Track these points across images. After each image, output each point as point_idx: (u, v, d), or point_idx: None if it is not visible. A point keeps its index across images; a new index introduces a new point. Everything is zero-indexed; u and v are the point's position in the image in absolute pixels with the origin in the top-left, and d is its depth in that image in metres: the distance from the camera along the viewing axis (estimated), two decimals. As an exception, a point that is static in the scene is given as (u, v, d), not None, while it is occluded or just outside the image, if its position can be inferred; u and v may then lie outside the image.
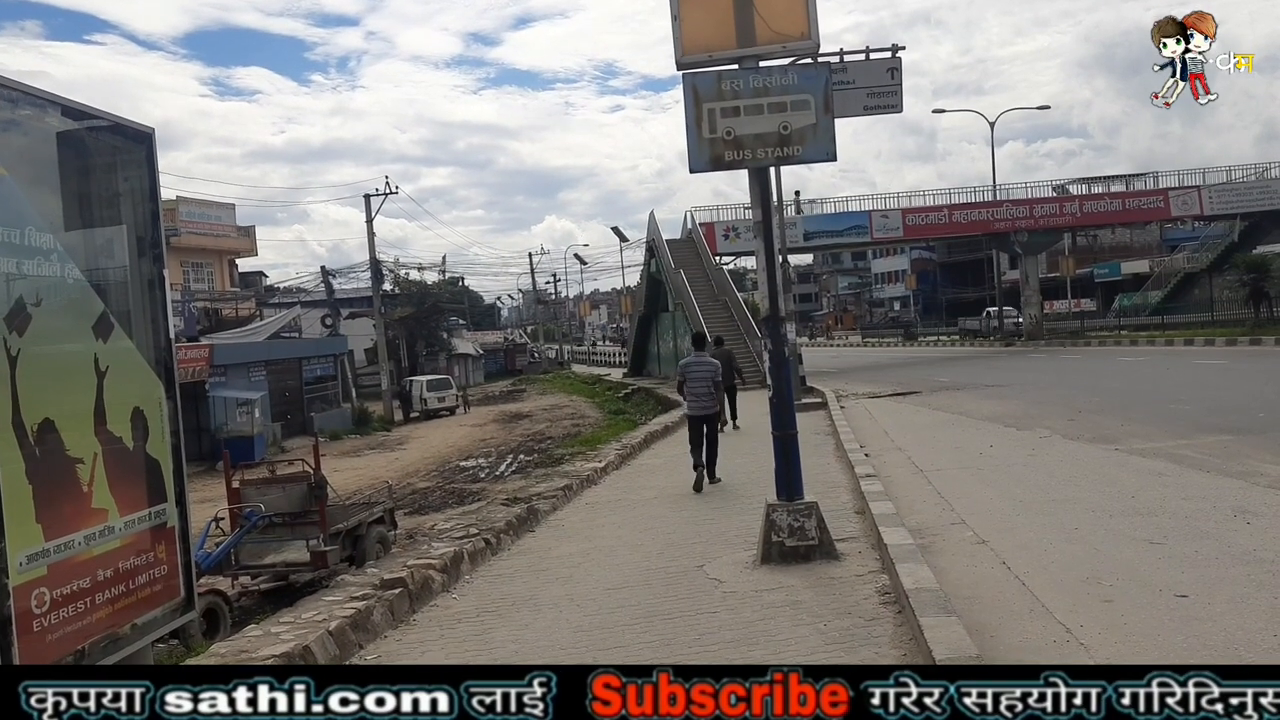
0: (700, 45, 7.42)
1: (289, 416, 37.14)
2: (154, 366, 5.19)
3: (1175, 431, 12.80)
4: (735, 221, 42.09)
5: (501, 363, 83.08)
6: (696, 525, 9.60)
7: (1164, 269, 55.44)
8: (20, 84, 4.52)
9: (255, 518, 12.19)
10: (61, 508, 4.33)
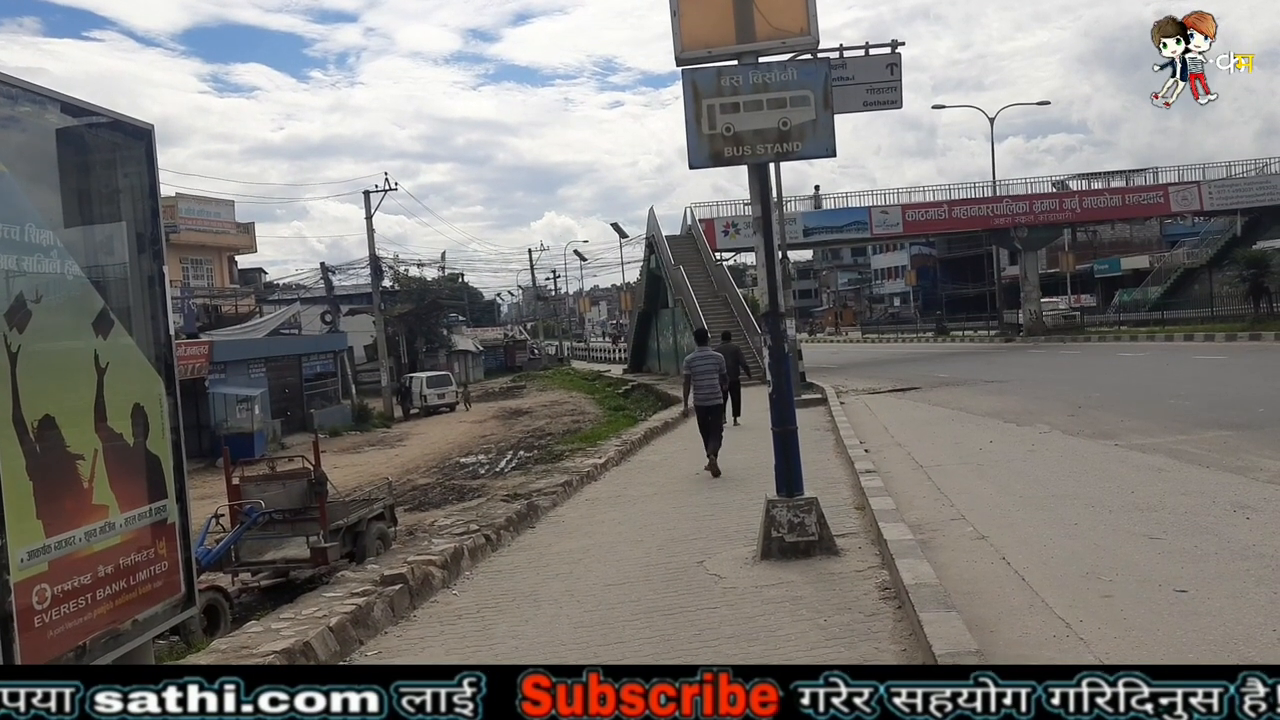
0: (700, 41, 7.41)
1: (289, 413, 37.15)
2: (154, 363, 5.19)
3: (1175, 427, 12.81)
4: (735, 217, 42.10)
5: (501, 359, 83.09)
6: (697, 521, 9.61)
7: (1164, 264, 55.46)
8: (20, 80, 4.52)
9: (255, 514, 12.21)
10: (62, 504, 4.33)
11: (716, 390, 12.66)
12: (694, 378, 12.71)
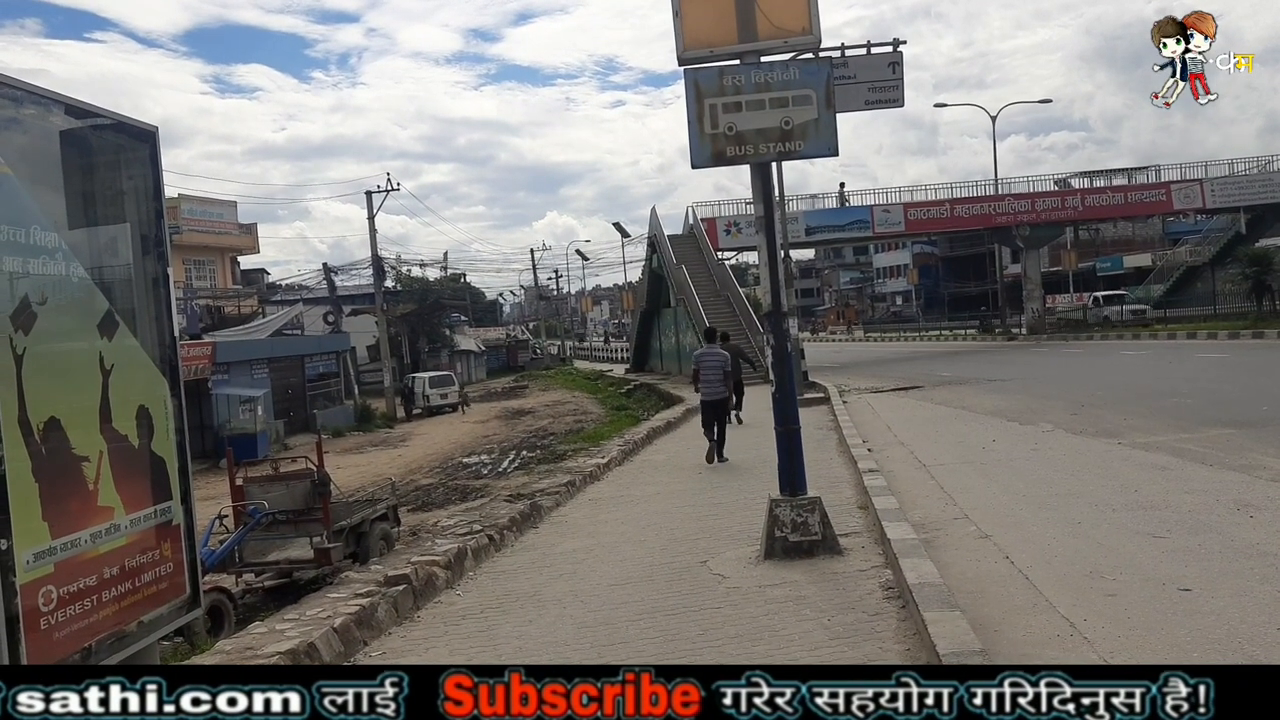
0: (702, 41, 7.41)
1: (292, 414, 37.17)
2: (159, 364, 5.20)
3: (1178, 425, 12.80)
4: (737, 216, 42.08)
5: (504, 359, 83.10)
6: (700, 521, 9.61)
7: (1166, 262, 55.40)
8: (23, 83, 4.53)
9: (259, 515, 12.20)
10: (67, 506, 4.34)
11: (720, 386, 13.83)
12: (701, 372, 13.93)
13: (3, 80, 4.35)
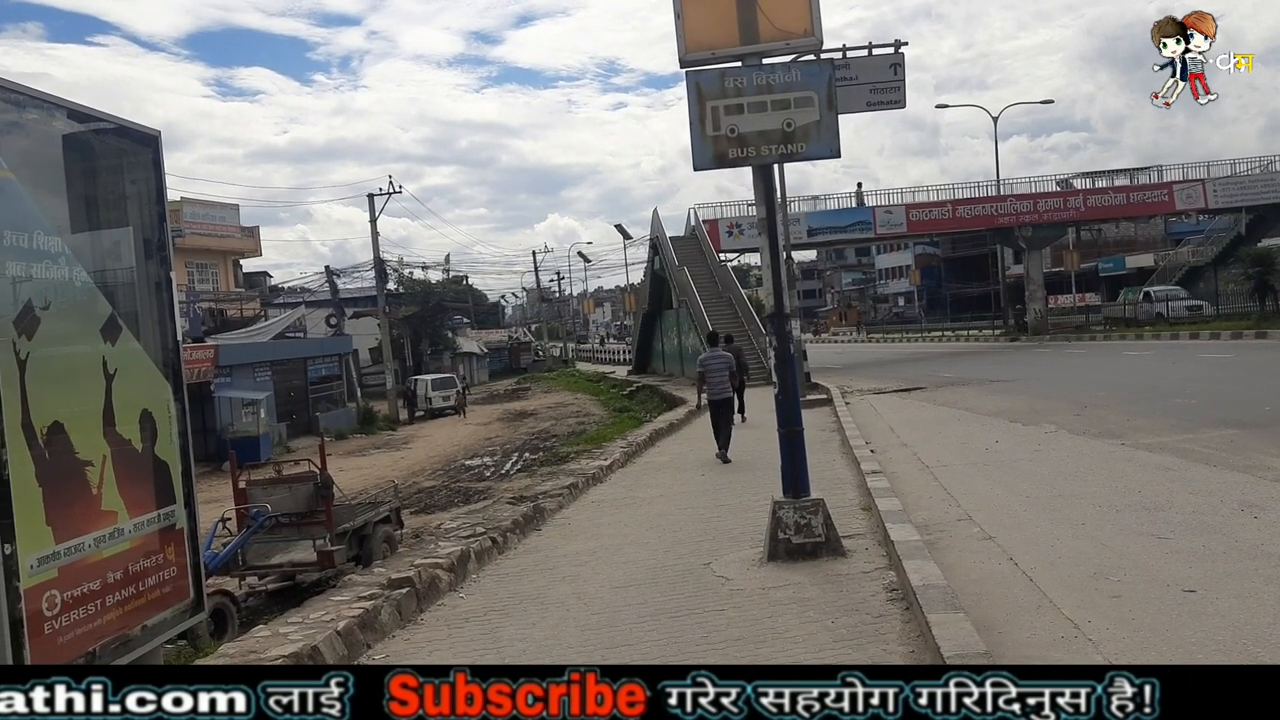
0: (703, 43, 7.41)
1: (294, 416, 37.19)
2: (162, 368, 5.21)
3: (1181, 426, 12.78)
4: (739, 218, 42.05)
5: (506, 361, 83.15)
6: (703, 523, 9.61)
7: (1169, 263, 55.26)
8: (26, 87, 4.54)
9: (262, 518, 12.21)
10: (71, 510, 4.35)
11: (726, 386, 14.49)
12: (706, 375, 14.42)
13: (5, 85, 4.36)
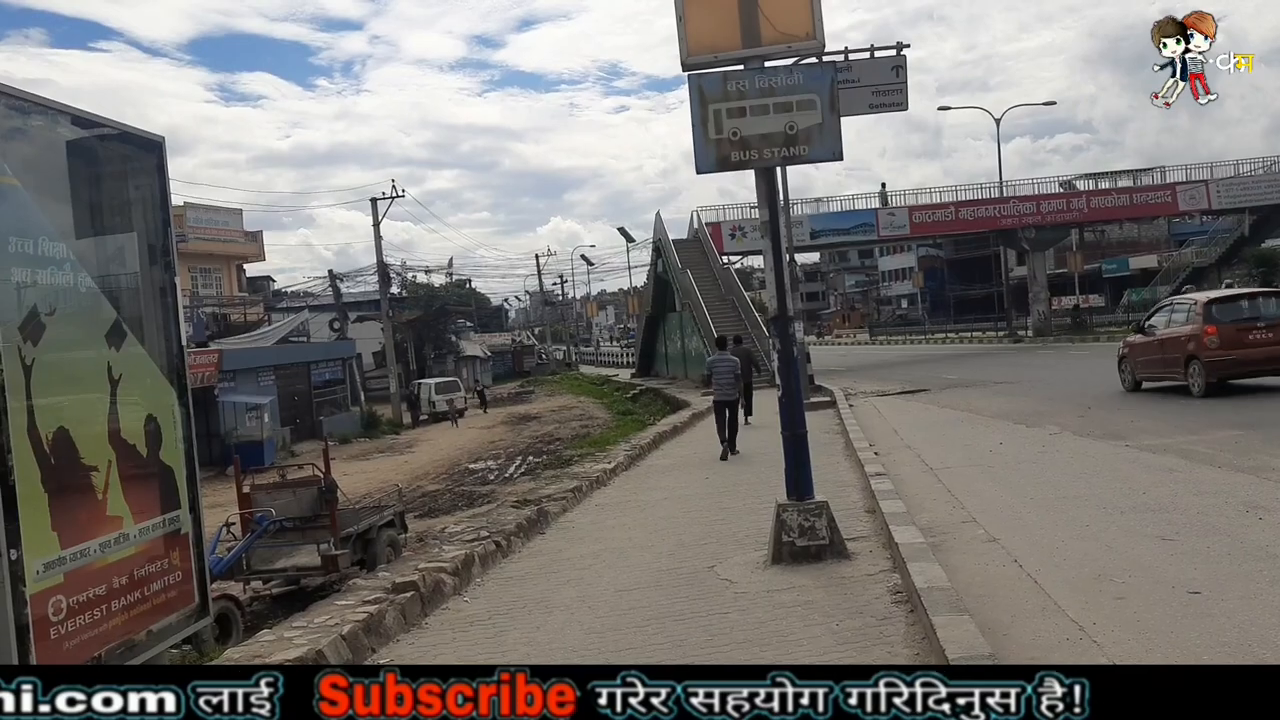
0: (705, 46, 7.42)
1: (298, 421, 37.24)
2: (166, 373, 5.22)
3: (1185, 427, 12.76)
4: (741, 221, 42.10)
5: (509, 364, 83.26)
6: (707, 526, 9.61)
7: (1172, 264, 55.26)
8: (30, 94, 4.55)
9: (266, 522, 12.23)
10: (77, 515, 4.36)
11: (732, 389, 15.16)
12: (714, 376, 15.30)
13: (9, 92, 4.37)
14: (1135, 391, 18.00)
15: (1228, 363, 15.58)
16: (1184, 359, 16.25)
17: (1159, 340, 17.21)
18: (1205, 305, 16.40)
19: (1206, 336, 15.72)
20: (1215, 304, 16.49)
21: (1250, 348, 15.53)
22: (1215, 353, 15.61)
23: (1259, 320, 15.84)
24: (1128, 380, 18.36)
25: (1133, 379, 18.16)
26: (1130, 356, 18.29)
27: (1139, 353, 17.97)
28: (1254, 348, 15.52)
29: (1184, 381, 16.32)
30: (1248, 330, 15.69)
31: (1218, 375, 15.68)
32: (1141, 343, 17.92)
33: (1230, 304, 16.63)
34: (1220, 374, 15.68)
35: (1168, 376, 17.06)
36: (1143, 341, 17.88)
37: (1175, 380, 16.77)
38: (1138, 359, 17.99)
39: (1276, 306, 16.27)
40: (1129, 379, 18.30)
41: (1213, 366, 15.63)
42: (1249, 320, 15.90)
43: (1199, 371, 15.83)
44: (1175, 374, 16.67)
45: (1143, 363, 17.85)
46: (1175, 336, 16.63)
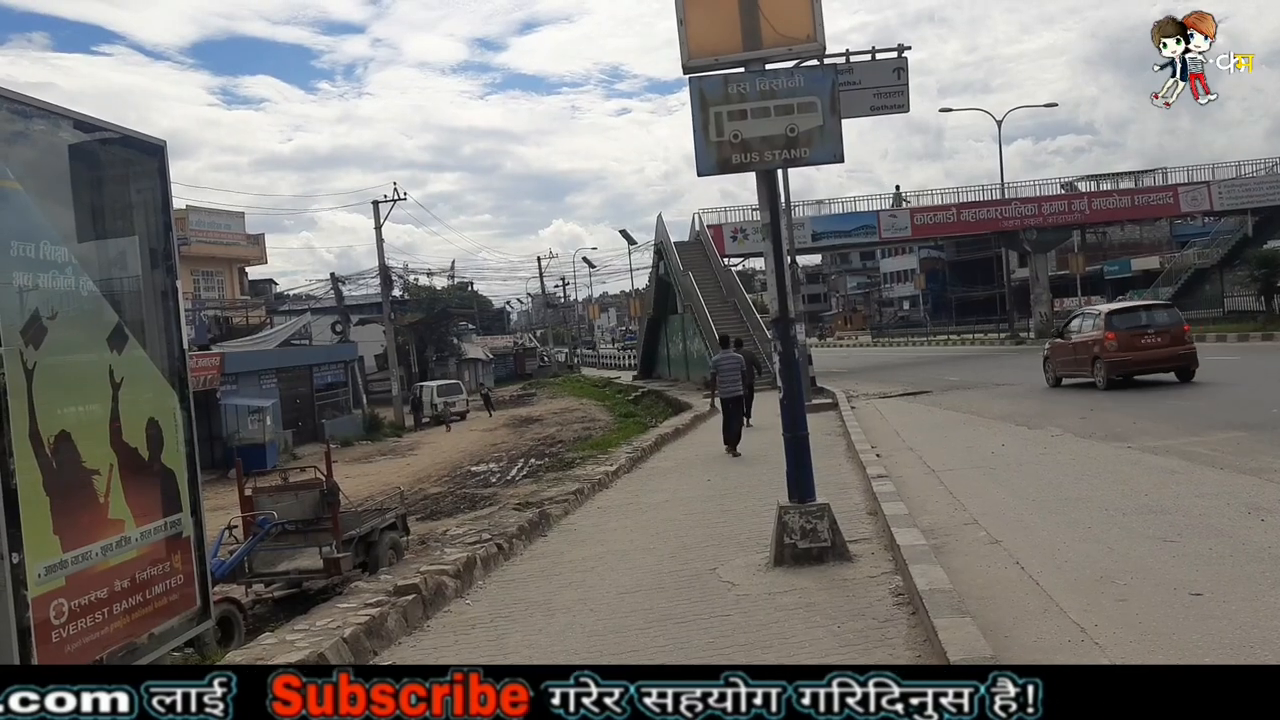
0: (706, 49, 7.42)
1: (300, 423, 37.24)
2: (168, 377, 5.23)
3: (1187, 428, 12.75)
4: (743, 223, 42.07)
5: (511, 367, 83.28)
6: (709, 528, 9.60)
7: (1174, 265, 55.17)
8: (32, 98, 4.56)
9: (268, 525, 12.22)
10: (78, 519, 4.37)
11: (738, 385, 15.93)
12: (719, 375, 16.05)
13: (11, 96, 4.38)
14: (1056, 387, 20.73)
15: (1124, 362, 18.79)
16: (1091, 359, 19.40)
17: (1073, 344, 20.27)
18: (1107, 315, 19.58)
19: (1107, 341, 18.88)
20: (1115, 314, 19.69)
21: (1142, 350, 18.72)
22: (1114, 354, 18.81)
23: (1150, 328, 19.07)
24: (1050, 377, 21.17)
25: (1054, 376, 21.02)
26: (1052, 357, 21.22)
27: (1058, 354, 20.97)
28: (1145, 350, 18.73)
29: (1092, 378, 19.33)
30: (1140, 336, 18.88)
31: (1116, 373, 18.83)
32: (1060, 345, 21.04)
33: (1127, 314, 19.82)
34: (1118, 372, 18.85)
35: (1080, 374, 20.01)
36: (1061, 344, 20.98)
37: (1085, 377, 19.71)
38: (1058, 359, 20.95)
39: (1165, 316, 19.66)
40: (1051, 376, 21.15)
41: (1112, 366, 18.81)
42: (1143, 328, 19.07)
43: (1102, 369, 18.99)
44: (1085, 372, 19.71)
45: (1061, 362, 20.79)
46: (1084, 340, 19.77)
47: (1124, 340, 18.80)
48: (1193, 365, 18.89)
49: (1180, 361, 18.87)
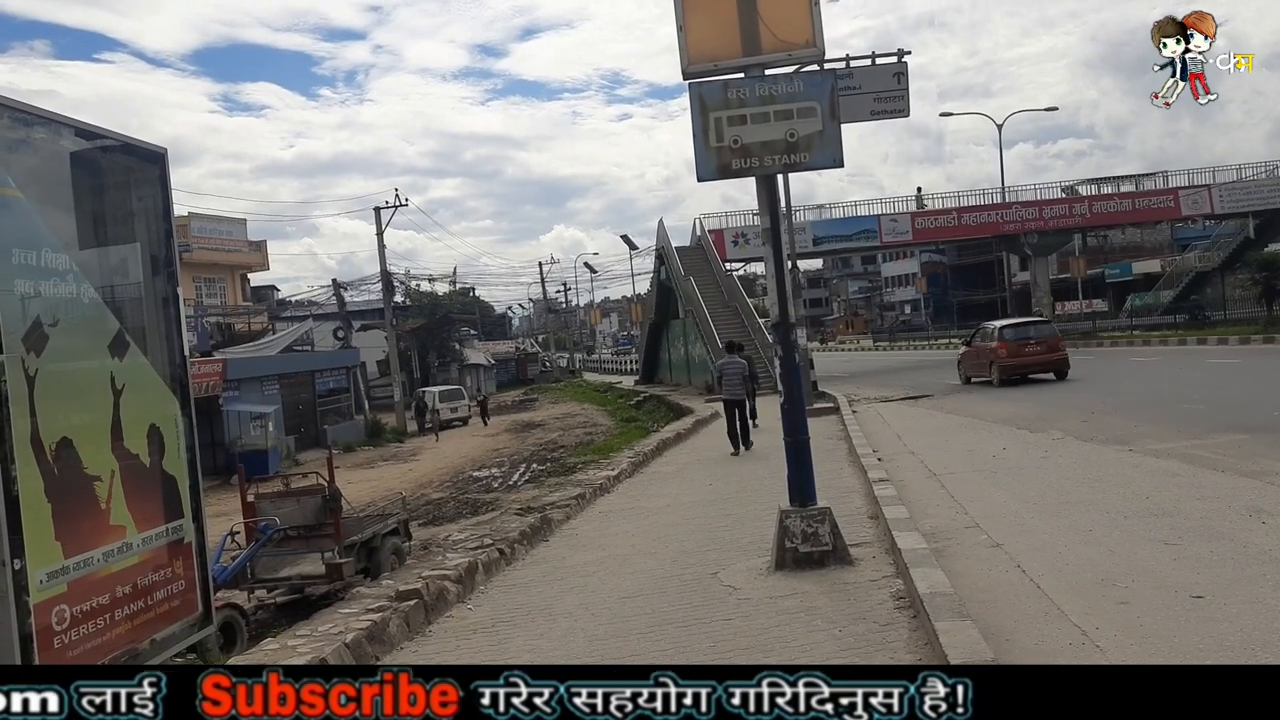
0: (706, 55, 7.44)
1: (302, 429, 37.27)
2: (169, 383, 5.24)
3: (1189, 431, 12.74)
4: (744, 228, 42.06)
5: (513, 372, 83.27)
6: (710, 532, 9.61)
7: (1175, 268, 55.19)
8: (33, 107, 4.58)
9: (270, 531, 12.23)
10: (80, 525, 4.38)
11: (740, 388, 16.84)
12: (724, 378, 17.14)
13: (13, 105, 4.40)
14: (967, 384, 25.88)
15: (1012, 366, 24.02)
16: (988, 363, 24.89)
17: (976, 350, 26.03)
18: (999, 329, 24.97)
19: (1000, 350, 24.25)
20: (1005, 329, 25.00)
21: (1026, 356, 24.19)
22: (1004, 360, 24.08)
23: (1032, 339, 24.60)
24: (962, 377, 26.59)
25: (965, 376, 26.43)
26: (963, 361, 27.01)
27: (967, 359, 26.70)
28: (1028, 356, 24.22)
29: (989, 378, 24.65)
30: (1025, 345, 24.33)
31: (1006, 374, 23.90)
32: (968, 352, 26.79)
33: (1015, 329, 25.16)
34: (1008, 374, 23.90)
35: (981, 375, 25.40)
36: (969, 351, 26.75)
37: (985, 378, 25.03)
38: (967, 363, 26.62)
39: (1045, 330, 25.57)
40: (963, 376, 26.60)
41: (1003, 369, 24.05)
42: (1027, 339, 24.57)
43: (995, 371, 24.31)
44: (985, 374, 25.05)
45: (969, 365, 26.38)
46: (983, 348, 25.37)
47: (1012, 349, 24.12)
48: (1065, 367, 24.10)
49: (1055, 365, 24.08)
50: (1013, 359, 23.96)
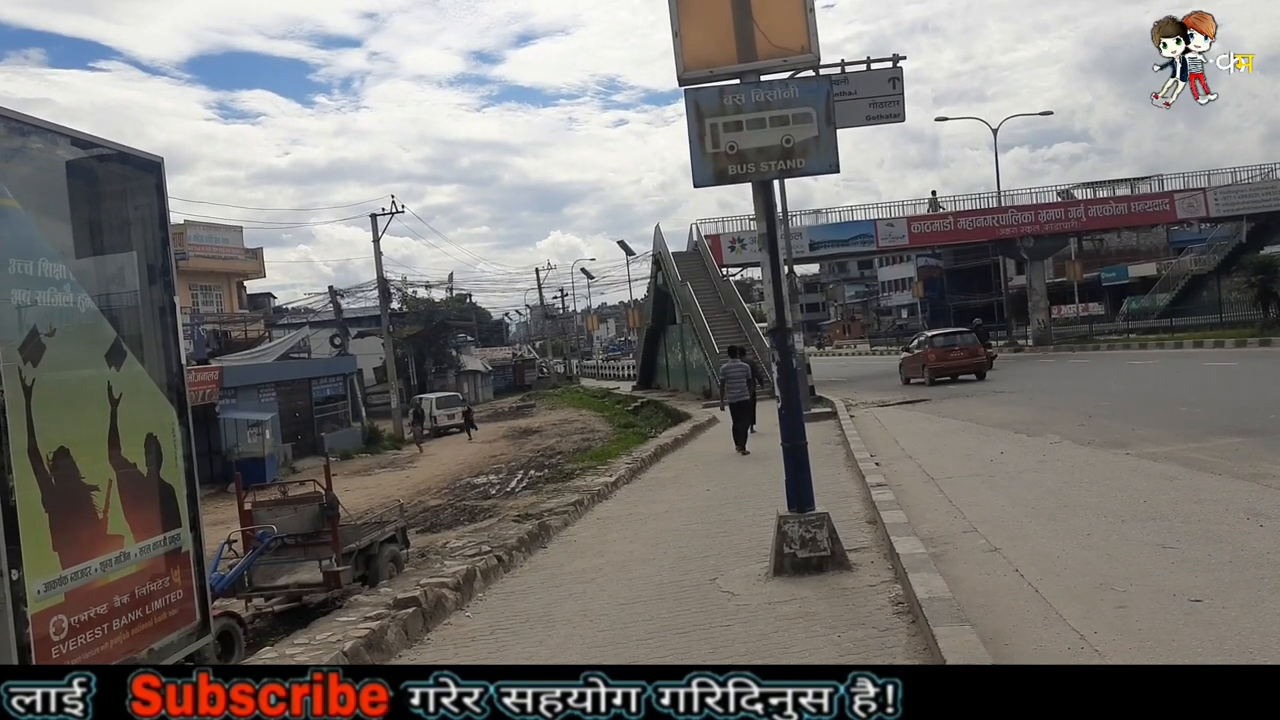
0: (701, 61, 7.45)
1: (299, 437, 37.19)
2: (166, 392, 5.24)
3: (1186, 435, 12.75)
4: (741, 233, 42.14)
5: (510, 378, 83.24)
6: (708, 538, 9.61)
7: (1171, 271, 55.25)
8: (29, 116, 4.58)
9: (268, 539, 12.20)
10: (78, 535, 4.37)
11: (744, 391, 17.56)
12: (727, 382, 17.86)
13: (9, 114, 4.40)
14: (907, 384, 30.15)
15: (940, 369, 29.22)
16: (921, 366, 30.13)
17: (913, 355, 31.46)
18: (929, 338, 31.45)
19: (929, 354, 29.87)
20: (934, 337, 31.43)
21: (951, 360, 29.37)
22: (934, 363, 29.48)
23: (957, 346, 30.09)
24: (902, 378, 31.35)
25: (905, 377, 31.19)
26: (904, 365, 32.07)
27: (907, 363, 31.80)
28: (953, 360, 29.38)
29: (923, 379, 29.45)
30: (950, 351, 29.78)
31: (934, 375, 29.10)
32: (907, 356, 32.23)
33: (942, 337, 31.33)
34: (937, 375, 29.07)
35: (916, 376, 30.33)
36: (908, 355, 32.27)
37: (920, 379, 29.86)
38: (907, 366, 31.62)
39: (968, 339, 30.79)
40: (903, 377, 31.34)
41: (932, 371, 29.32)
42: (952, 345, 30.11)
43: (926, 373, 29.50)
44: (920, 375, 30.03)
45: (908, 368, 31.35)
46: (918, 353, 30.94)
47: (940, 354, 29.60)
48: (985, 369, 29.52)
49: (976, 367, 29.31)
50: (940, 363, 29.29)
